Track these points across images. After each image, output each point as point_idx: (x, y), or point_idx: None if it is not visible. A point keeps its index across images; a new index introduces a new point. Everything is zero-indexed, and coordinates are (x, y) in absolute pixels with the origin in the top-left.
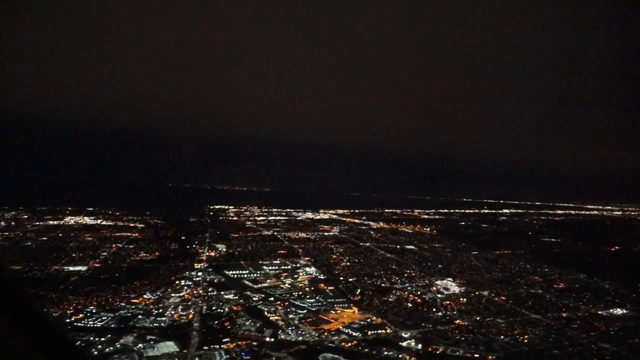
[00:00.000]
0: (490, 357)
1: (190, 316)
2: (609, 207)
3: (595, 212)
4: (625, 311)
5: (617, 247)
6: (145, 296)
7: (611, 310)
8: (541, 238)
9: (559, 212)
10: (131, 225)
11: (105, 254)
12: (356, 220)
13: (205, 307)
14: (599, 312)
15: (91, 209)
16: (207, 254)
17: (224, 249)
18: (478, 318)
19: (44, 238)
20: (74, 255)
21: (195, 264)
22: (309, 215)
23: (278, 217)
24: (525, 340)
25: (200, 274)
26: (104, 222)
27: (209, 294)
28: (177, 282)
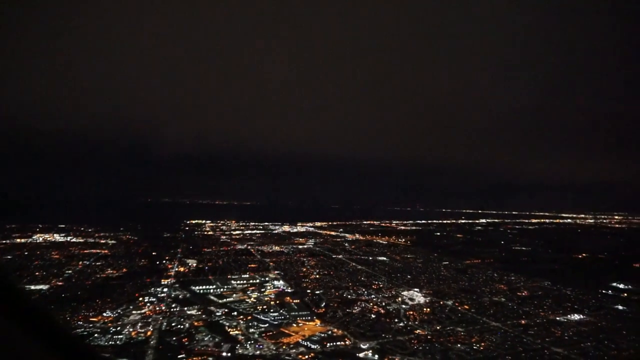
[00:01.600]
0: None
1: (149, 333)
2: (583, 216)
3: (569, 220)
4: (582, 316)
5: (583, 255)
6: (104, 314)
7: (568, 316)
8: (512, 247)
9: (533, 221)
10: (102, 241)
11: (70, 271)
12: (332, 233)
13: (165, 323)
14: (557, 318)
15: (63, 225)
16: (176, 269)
17: (194, 264)
18: (439, 327)
19: (9, 256)
20: (37, 273)
21: (163, 280)
22: (286, 228)
23: (254, 231)
24: (482, 348)
25: (166, 290)
26: (73, 239)
27: (172, 310)
28: (140, 298)
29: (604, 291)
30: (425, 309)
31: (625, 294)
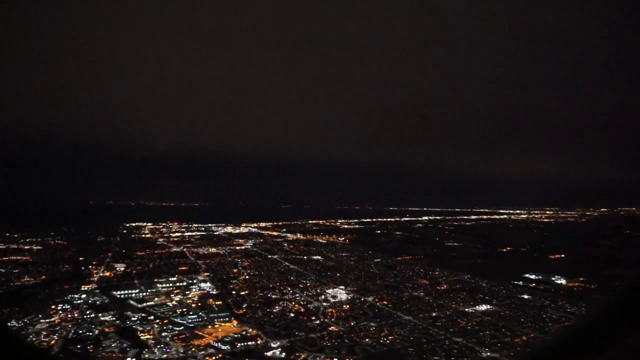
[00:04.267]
0: (347, 359)
1: (52, 342)
2: (518, 211)
3: (504, 216)
4: (489, 307)
5: (508, 248)
6: (8, 324)
7: (477, 307)
8: (445, 243)
9: (472, 217)
10: (26, 247)
11: None
12: (274, 233)
13: (73, 331)
14: (466, 309)
15: None
16: (101, 274)
17: (122, 269)
18: (353, 323)
19: None
20: None
21: (83, 286)
22: (229, 229)
23: (195, 233)
24: (388, 342)
25: (84, 296)
26: None
27: (85, 316)
28: (53, 306)
29: (515, 282)
30: (345, 306)
31: (534, 284)
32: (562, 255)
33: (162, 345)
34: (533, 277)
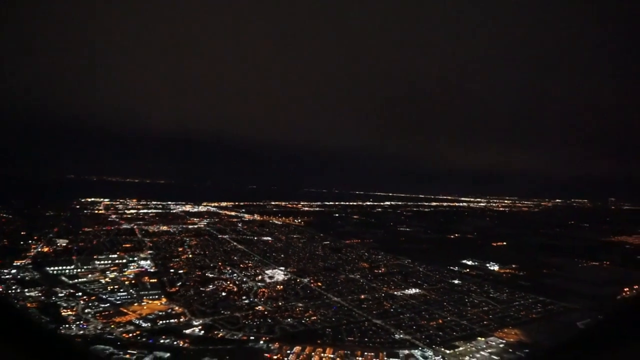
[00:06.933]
0: (263, 338)
1: None
2: (479, 200)
3: (464, 203)
4: (417, 290)
5: (456, 235)
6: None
7: (406, 291)
8: (398, 228)
9: (433, 204)
10: None
11: None
12: (232, 213)
13: None
14: (395, 293)
15: None
16: (40, 249)
17: (64, 244)
18: (281, 303)
19: None
20: None
21: (17, 261)
22: (188, 208)
23: (151, 210)
24: (309, 322)
25: (14, 271)
26: None
27: (9, 292)
28: None
29: (451, 267)
30: (278, 287)
31: (468, 270)
32: (504, 243)
33: (81, 322)
34: (469, 263)
